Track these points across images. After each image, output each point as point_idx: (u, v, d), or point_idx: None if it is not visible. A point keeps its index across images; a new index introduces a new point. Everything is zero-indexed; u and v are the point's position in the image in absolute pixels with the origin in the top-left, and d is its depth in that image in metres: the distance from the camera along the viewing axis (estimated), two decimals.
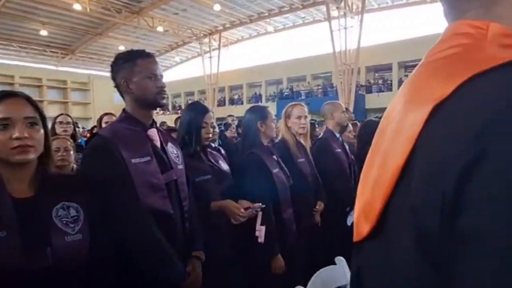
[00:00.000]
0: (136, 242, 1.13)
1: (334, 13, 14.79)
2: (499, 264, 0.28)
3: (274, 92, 22.05)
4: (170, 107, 28.24)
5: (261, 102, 20.98)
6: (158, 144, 1.31)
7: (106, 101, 24.08)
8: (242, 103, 21.40)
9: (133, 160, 1.16)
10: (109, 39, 20.15)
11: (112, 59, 1.32)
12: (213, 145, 2.85)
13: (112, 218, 1.07)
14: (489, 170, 0.30)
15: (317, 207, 2.30)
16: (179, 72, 28.18)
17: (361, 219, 0.49)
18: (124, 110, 1.34)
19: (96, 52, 22.38)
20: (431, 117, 0.38)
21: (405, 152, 0.39)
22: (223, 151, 2.72)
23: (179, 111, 26.61)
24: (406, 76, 15.68)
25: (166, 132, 1.49)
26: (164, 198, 1.22)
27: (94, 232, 1.01)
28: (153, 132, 1.31)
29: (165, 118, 20.60)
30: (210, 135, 1.77)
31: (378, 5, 16.50)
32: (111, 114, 3.26)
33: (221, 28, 20.12)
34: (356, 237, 0.51)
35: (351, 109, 15.88)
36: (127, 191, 1.13)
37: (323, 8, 15.34)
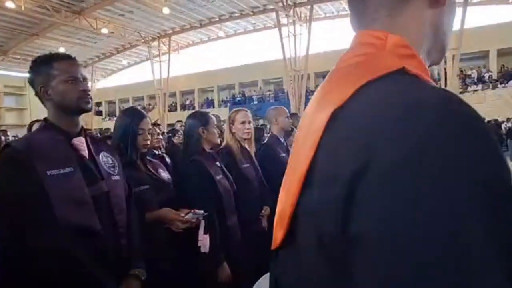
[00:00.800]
0: (54, 264, 1.02)
1: (284, 20, 15.21)
2: (387, 271, 0.29)
3: (227, 97, 22.04)
4: (117, 113, 26.99)
5: (213, 107, 20.86)
6: (85, 153, 1.21)
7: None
8: (194, 109, 21.08)
9: (49, 172, 1.04)
10: (47, 40, 18.75)
11: None
12: (157, 152, 2.74)
13: (25, 238, 0.96)
14: (375, 178, 0.30)
15: (263, 212, 2.30)
16: (127, 76, 27.07)
17: (277, 226, 0.48)
18: (45, 118, 1.22)
19: (33, 53, 20.65)
20: (331, 121, 0.38)
21: (308, 156, 0.39)
22: (168, 159, 2.62)
23: None
24: None
25: (100, 140, 1.38)
26: (90, 213, 1.11)
27: (5, 255, 0.90)
28: (79, 141, 1.20)
29: (111, 124, 19.62)
30: (148, 142, 1.68)
31: (325, 14, 17.27)
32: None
33: (170, 32, 19.68)
34: (273, 245, 0.49)
35: (302, 113, 16.36)
36: (41, 207, 1.01)
37: (273, 15, 15.70)
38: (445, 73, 15.04)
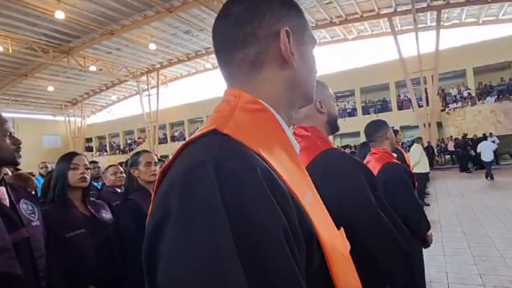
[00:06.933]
0: None
1: None
2: None
3: None
4: (107, 147, 26.93)
5: None
6: (6, 202, 1.24)
7: (34, 145, 22.28)
8: (184, 139, 21.08)
9: None
10: (36, 79, 19.01)
11: (40, 101, 1.24)
12: (119, 190, 2.68)
13: None
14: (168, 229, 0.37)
15: None
16: (117, 111, 27.31)
17: None
18: None
19: (22, 93, 20.90)
20: None
21: None
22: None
23: (117, 152, 25.48)
24: (337, 105, 16.88)
25: (20, 189, 1.42)
26: (11, 259, 1.12)
27: None
28: (0, 191, 1.24)
29: (100, 159, 19.55)
30: (85, 176, 1.65)
31: None
32: None
33: (158, 66, 20.13)
34: None
35: None
36: None
37: None
38: (426, 92, 15.54)
